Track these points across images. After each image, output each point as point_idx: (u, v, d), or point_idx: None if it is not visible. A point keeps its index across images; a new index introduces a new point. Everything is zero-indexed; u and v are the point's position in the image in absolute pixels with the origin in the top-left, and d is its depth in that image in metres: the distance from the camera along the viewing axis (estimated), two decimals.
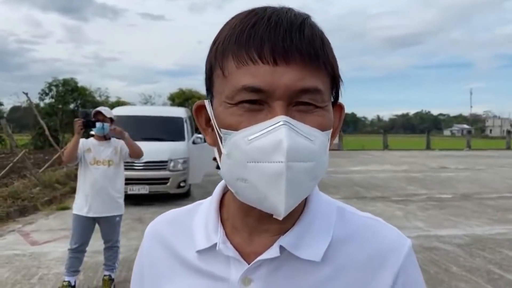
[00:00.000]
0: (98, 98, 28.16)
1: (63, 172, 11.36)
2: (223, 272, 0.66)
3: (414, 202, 9.25)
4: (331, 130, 0.62)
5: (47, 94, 26.14)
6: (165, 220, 0.78)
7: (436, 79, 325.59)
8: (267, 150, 0.54)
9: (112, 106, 18.98)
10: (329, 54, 0.60)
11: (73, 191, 5.61)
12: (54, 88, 26.10)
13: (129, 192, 7.90)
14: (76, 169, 4.31)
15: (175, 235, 0.73)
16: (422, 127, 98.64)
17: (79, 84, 26.73)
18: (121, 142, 4.17)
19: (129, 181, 7.10)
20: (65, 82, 26.14)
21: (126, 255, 5.05)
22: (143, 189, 8.61)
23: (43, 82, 32.50)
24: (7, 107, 33.94)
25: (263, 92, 0.56)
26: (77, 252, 4.01)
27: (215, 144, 0.63)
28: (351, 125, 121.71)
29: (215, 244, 0.66)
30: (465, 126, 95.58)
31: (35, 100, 23.76)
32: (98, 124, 4.02)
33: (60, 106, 25.77)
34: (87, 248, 4.12)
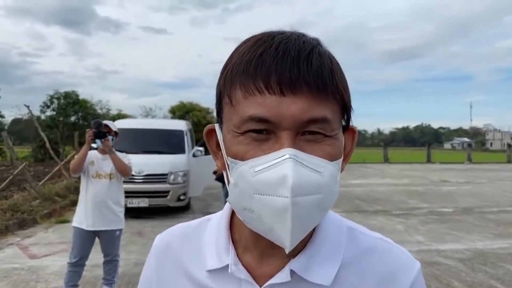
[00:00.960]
0: (99, 111, 28.32)
1: (63, 184, 11.29)
2: None
3: (415, 216, 9.20)
4: (341, 158, 0.62)
5: (48, 107, 26.33)
6: (174, 234, 0.77)
7: (436, 92, 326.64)
8: (272, 184, 0.54)
9: (113, 118, 19.07)
10: (338, 83, 0.59)
11: (73, 204, 5.61)
12: (55, 101, 26.31)
13: (128, 205, 7.85)
14: (76, 182, 4.31)
15: (184, 252, 0.73)
16: (423, 140, 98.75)
17: (81, 97, 26.94)
18: (122, 155, 4.18)
19: (129, 194, 7.08)
20: (67, 95, 26.32)
21: (126, 269, 5.01)
22: (143, 202, 8.57)
23: (44, 95, 32.81)
24: (8, 119, 34.10)
25: (270, 122, 0.56)
26: (77, 266, 3.97)
27: (224, 169, 0.63)
28: None
29: (227, 265, 0.66)
30: (466, 139, 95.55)
31: (36, 112, 23.95)
32: (109, 137, 4.01)
33: (61, 118, 25.92)
34: (86, 262, 4.09)
